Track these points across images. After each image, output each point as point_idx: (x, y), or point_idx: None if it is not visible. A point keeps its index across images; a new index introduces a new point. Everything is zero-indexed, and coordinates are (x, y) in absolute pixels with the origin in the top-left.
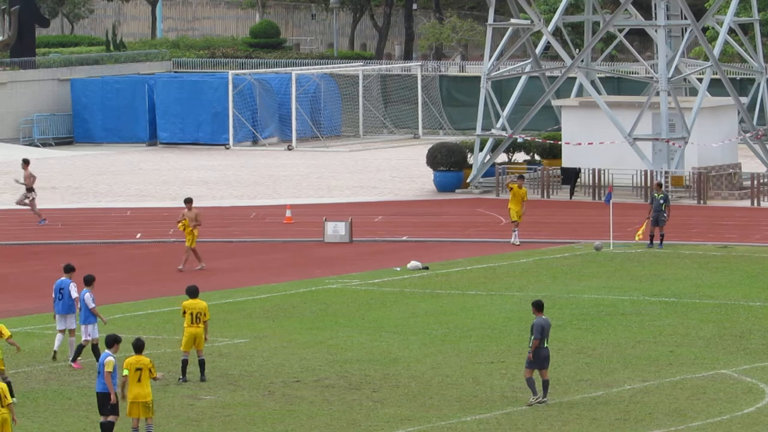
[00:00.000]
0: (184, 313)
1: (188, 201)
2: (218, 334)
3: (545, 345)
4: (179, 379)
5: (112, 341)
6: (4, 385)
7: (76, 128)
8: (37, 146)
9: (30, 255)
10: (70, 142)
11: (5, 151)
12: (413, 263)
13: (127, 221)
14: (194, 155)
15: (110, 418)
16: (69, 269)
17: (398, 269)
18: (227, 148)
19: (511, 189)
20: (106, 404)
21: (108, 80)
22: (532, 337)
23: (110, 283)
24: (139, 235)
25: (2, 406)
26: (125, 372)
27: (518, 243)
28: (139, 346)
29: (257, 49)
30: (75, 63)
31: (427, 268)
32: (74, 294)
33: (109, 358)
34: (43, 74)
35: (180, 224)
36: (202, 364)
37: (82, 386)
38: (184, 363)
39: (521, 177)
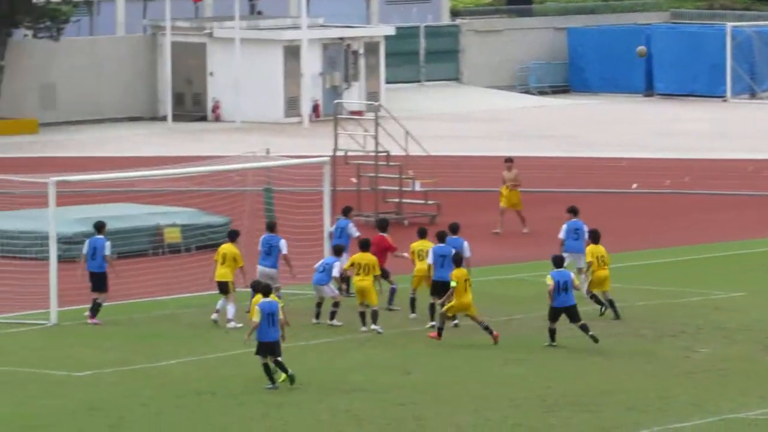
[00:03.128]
0: (352, 264)
1: (509, 160)
2: (714, 286)
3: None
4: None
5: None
6: None
7: (572, 77)
8: (532, 94)
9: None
10: (565, 91)
11: (501, 99)
12: None
13: (620, 171)
14: (690, 107)
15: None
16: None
17: None
18: (724, 101)
19: None
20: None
21: (604, 30)
22: None
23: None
24: (635, 186)
25: None
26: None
27: None
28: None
29: (756, 1)
30: (571, 12)
31: None
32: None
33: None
34: (540, 22)
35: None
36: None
37: (575, 335)
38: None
39: None
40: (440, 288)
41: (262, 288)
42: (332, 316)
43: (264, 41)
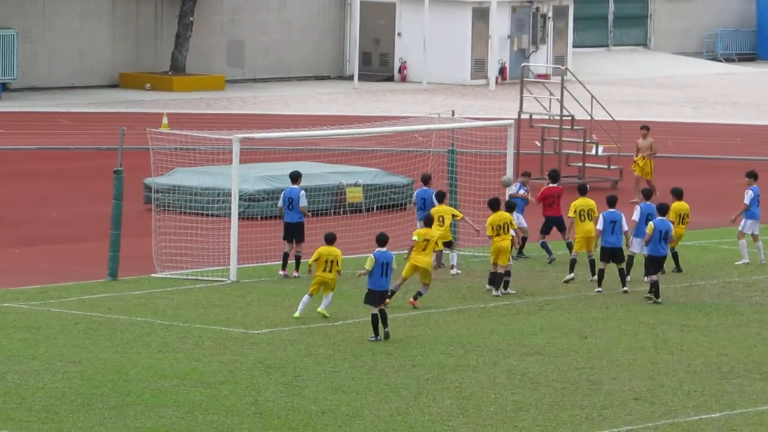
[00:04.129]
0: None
1: (644, 128)
2: None
3: None
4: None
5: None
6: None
7: (760, 45)
8: (719, 61)
9: (704, 170)
10: (752, 59)
11: (688, 66)
12: None
13: None
14: None
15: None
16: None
17: None
18: None
19: None
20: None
21: None
22: None
23: None
24: None
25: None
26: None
27: None
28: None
29: None
30: None
31: None
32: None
33: None
34: None
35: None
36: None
37: (754, 303)
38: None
39: None
40: (610, 254)
41: (378, 237)
42: (505, 285)
43: (453, 2)
